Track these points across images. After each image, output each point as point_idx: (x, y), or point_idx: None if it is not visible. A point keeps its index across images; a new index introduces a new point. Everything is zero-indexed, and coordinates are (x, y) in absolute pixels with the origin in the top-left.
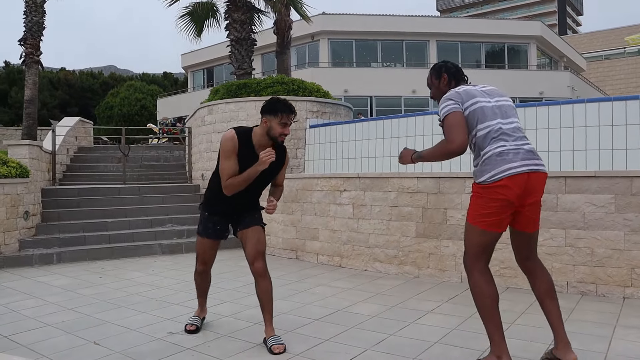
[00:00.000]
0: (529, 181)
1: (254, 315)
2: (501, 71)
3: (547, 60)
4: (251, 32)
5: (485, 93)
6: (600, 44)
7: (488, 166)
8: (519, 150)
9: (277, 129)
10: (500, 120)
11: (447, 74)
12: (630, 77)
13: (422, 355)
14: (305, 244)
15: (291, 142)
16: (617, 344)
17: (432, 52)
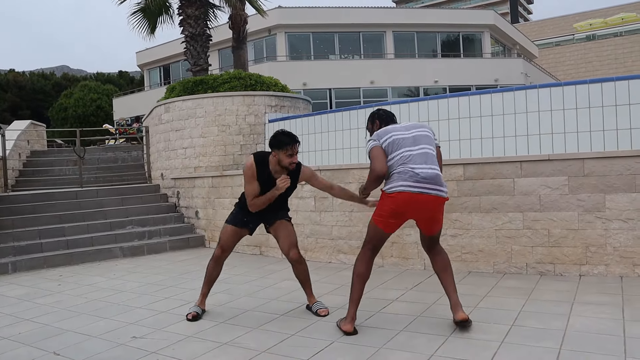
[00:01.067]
0: (417, 200)
1: (220, 314)
2: (457, 60)
3: (500, 48)
4: (206, 28)
5: (404, 128)
6: (551, 31)
7: (390, 180)
8: (418, 173)
9: (285, 160)
10: (409, 148)
11: (379, 120)
12: (579, 62)
13: (388, 344)
14: (269, 239)
15: (251, 137)
16: (575, 321)
17: (389, 43)
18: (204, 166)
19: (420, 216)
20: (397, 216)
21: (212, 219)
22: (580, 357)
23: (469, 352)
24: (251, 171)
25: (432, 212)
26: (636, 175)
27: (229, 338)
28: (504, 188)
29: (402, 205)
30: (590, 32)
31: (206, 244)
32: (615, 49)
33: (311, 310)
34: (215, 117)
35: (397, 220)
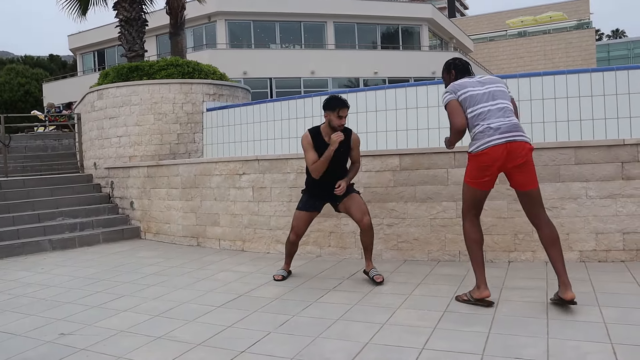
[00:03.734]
0: (507, 150)
1: (155, 307)
2: (396, 52)
3: (438, 41)
4: (142, 12)
5: (479, 83)
6: (486, 26)
7: (475, 140)
8: (499, 126)
9: (335, 121)
10: (486, 104)
11: (455, 69)
12: (511, 57)
13: (324, 333)
14: (206, 230)
15: (188, 126)
16: (502, 306)
17: (330, 33)
18: (140, 155)
19: (512, 165)
20: (491, 171)
21: (147, 209)
22: (507, 339)
23: (403, 339)
24: (307, 141)
25: (523, 159)
26: (560, 166)
27: (163, 332)
28: (438, 178)
29: (493, 159)
30: (522, 29)
31: (142, 235)
32: (544, 46)
33: (368, 275)
34: (151, 105)
35: (492, 176)
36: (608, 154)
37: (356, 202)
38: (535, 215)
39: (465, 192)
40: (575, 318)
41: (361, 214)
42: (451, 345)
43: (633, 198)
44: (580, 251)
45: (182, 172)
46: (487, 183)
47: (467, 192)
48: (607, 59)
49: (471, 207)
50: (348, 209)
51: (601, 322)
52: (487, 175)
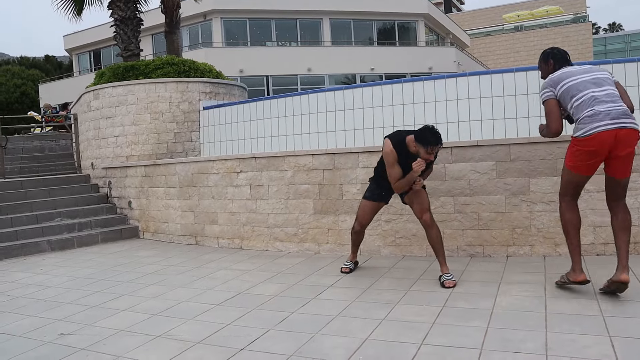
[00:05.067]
0: (617, 136)
1: (154, 306)
2: (392, 48)
3: (434, 37)
4: (137, 11)
5: (582, 71)
6: (482, 21)
7: (582, 124)
8: (609, 112)
9: (423, 155)
10: (594, 90)
11: (553, 60)
12: (508, 52)
13: (323, 329)
14: (205, 228)
15: (185, 125)
16: (501, 300)
17: (326, 30)
18: (137, 155)
19: (618, 153)
20: (597, 156)
21: (145, 209)
22: (505, 334)
23: (402, 335)
24: (392, 156)
25: (631, 147)
26: (557, 160)
27: (162, 330)
28: (435, 173)
29: (602, 144)
30: (518, 23)
31: (140, 235)
32: (541, 40)
33: (440, 280)
34: (147, 104)
35: (597, 160)
36: None
37: (419, 198)
38: (618, 200)
39: (564, 176)
40: (574, 311)
41: (421, 210)
42: (450, 340)
43: (630, 191)
44: None
45: (180, 171)
46: (590, 168)
47: (567, 176)
48: (604, 52)
49: (568, 191)
50: (411, 203)
51: (599, 315)
52: (592, 160)
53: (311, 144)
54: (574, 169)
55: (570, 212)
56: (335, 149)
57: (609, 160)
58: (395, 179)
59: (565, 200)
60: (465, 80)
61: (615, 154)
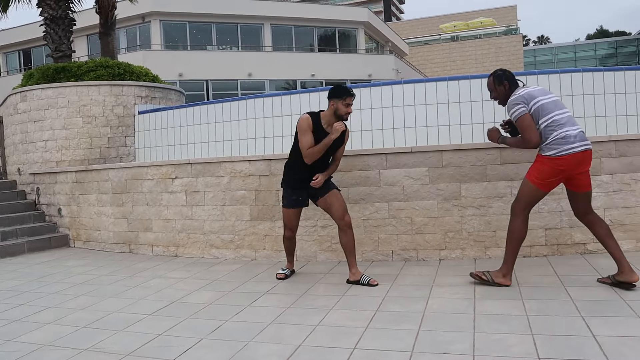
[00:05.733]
0: (583, 156)
1: (82, 318)
2: (333, 54)
3: (374, 44)
4: (69, 11)
5: (541, 92)
6: (420, 30)
7: (554, 145)
8: (577, 134)
9: (342, 109)
10: (558, 112)
11: (507, 81)
12: (445, 61)
13: (257, 337)
14: (139, 236)
15: (119, 129)
16: (433, 302)
17: (267, 36)
18: (68, 160)
19: (581, 170)
20: (563, 175)
21: (76, 216)
22: (436, 335)
23: (335, 340)
24: (307, 123)
25: (590, 165)
26: (487, 166)
27: (90, 343)
28: (370, 179)
29: (572, 164)
30: (454, 33)
31: (71, 243)
32: (475, 50)
33: (359, 282)
34: (79, 107)
35: (562, 179)
36: (531, 154)
37: (338, 200)
38: (589, 212)
39: (527, 191)
40: (501, 312)
41: (342, 211)
42: (382, 344)
43: (553, 195)
44: None
45: (113, 177)
46: (554, 185)
47: (530, 191)
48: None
49: (528, 205)
50: (330, 205)
51: (524, 314)
52: (560, 178)
53: (249, 150)
54: (542, 186)
55: (526, 229)
56: (271, 155)
57: (573, 179)
58: (307, 146)
59: (523, 216)
60: (400, 88)
61: (579, 171)
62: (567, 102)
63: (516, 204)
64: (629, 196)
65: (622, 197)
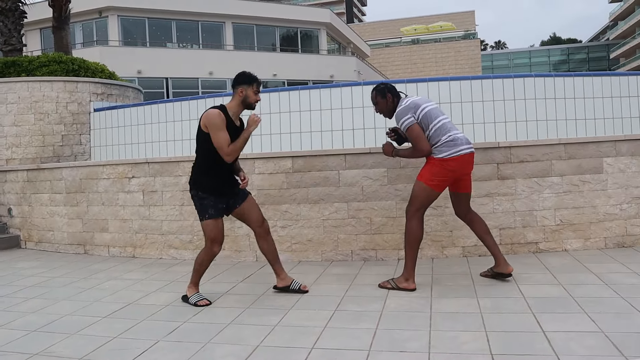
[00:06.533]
0: (469, 158)
1: (33, 322)
2: (295, 55)
3: (336, 45)
4: (20, 3)
5: (424, 100)
6: (382, 32)
7: (444, 147)
8: (463, 137)
9: (252, 96)
10: (442, 117)
11: (390, 93)
12: (406, 63)
13: (215, 338)
14: (94, 236)
15: (73, 127)
16: (390, 302)
17: (229, 34)
18: (19, 158)
19: (467, 171)
20: (453, 176)
21: (28, 216)
22: (393, 334)
23: (294, 340)
24: (221, 118)
25: (472, 166)
26: None
27: (40, 348)
28: (330, 180)
29: (462, 165)
30: (415, 37)
31: (22, 245)
32: (435, 53)
33: (289, 290)
34: (31, 103)
35: (452, 180)
36: (485, 155)
37: (255, 206)
38: (469, 211)
39: (420, 193)
40: (456, 310)
41: (261, 218)
42: (340, 343)
43: (507, 196)
44: (463, 247)
45: (67, 175)
46: (445, 185)
47: (424, 193)
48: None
49: (422, 207)
50: (247, 212)
51: (478, 312)
52: (450, 179)
53: None
54: (437, 187)
55: (420, 230)
56: None
57: (460, 180)
58: (226, 143)
59: (417, 216)
60: (360, 89)
61: (466, 172)
62: (520, 106)
63: (410, 207)
64: (577, 197)
65: (571, 197)
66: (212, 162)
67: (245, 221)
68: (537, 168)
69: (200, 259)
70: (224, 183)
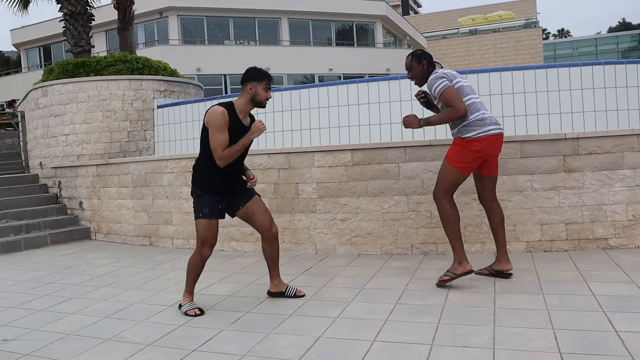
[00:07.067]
0: (497, 139)
1: (104, 309)
2: (350, 48)
3: (392, 38)
4: (88, 6)
5: (459, 75)
6: (438, 24)
7: (472, 127)
8: (492, 117)
9: (262, 94)
10: (472, 96)
11: (426, 60)
12: (463, 55)
13: (277, 328)
14: (159, 228)
15: (138, 123)
16: (452, 296)
17: (284, 30)
18: (88, 154)
19: (494, 153)
20: (481, 158)
21: (97, 209)
22: (455, 329)
23: (355, 332)
24: (224, 118)
25: (501, 148)
26: (507, 160)
27: (112, 333)
28: (389, 172)
29: (489, 146)
30: (473, 27)
31: (92, 236)
32: (494, 43)
33: (285, 294)
34: (99, 101)
35: (481, 161)
36: (551, 147)
37: (263, 207)
38: (493, 198)
39: (446, 175)
40: (521, 306)
41: (269, 220)
42: (401, 337)
43: (574, 190)
44: (527, 242)
45: (133, 170)
46: (473, 167)
47: (450, 175)
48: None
49: (450, 189)
50: (253, 214)
51: (544, 309)
52: (478, 160)
53: (267, 144)
54: (464, 169)
55: (455, 210)
56: (290, 148)
57: (487, 161)
58: (222, 146)
59: (446, 198)
60: None
61: (494, 154)
62: (588, 95)
63: (436, 190)
64: None
65: None
66: (211, 160)
67: (252, 224)
68: (607, 160)
69: (191, 262)
70: (224, 183)
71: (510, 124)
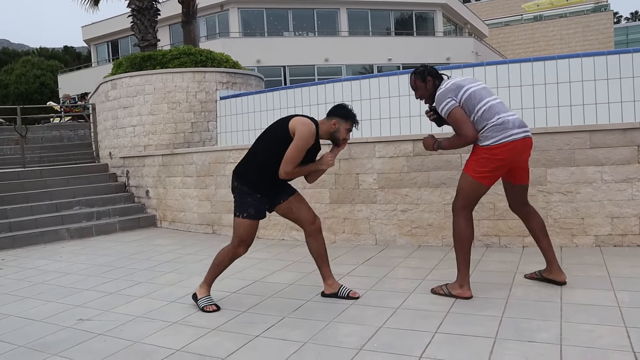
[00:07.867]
0: (524, 144)
1: (171, 293)
2: (410, 38)
3: (452, 27)
4: (154, 2)
5: (470, 80)
6: (500, 11)
7: (491, 133)
8: (514, 120)
9: (343, 133)
10: (489, 98)
11: (431, 76)
12: (527, 42)
13: (338, 317)
14: (222, 217)
15: (202, 114)
16: (516, 290)
17: (343, 21)
18: (154, 144)
19: (522, 159)
20: (505, 167)
21: (163, 198)
22: (520, 323)
23: (416, 323)
24: (312, 135)
25: (529, 154)
26: (575, 150)
27: (179, 317)
28: (451, 163)
29: (513, 153)
30: (538, 13)
31: (157, 224)
32: (560, 30)
33: (338, 295)
34: (164, 93)
35: (503, 171)
36: (624, 137)
37: (304, 202)
38: (525, 204)
39: (467, 187)
40: (590, 302)
41: (312, 215)
42: (463, 329)
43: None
44: (596, 236)
45: (197, 160)
46: (496, 177)
47: (471, 187)
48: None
49: (469, 203)
50: (295, 209)
51: (615, 305)
52: (501, 169)
53: None
54: (485, 180)
55: (470, 229)
56: (351, 139)
57: (514, 169)
58: (294, 163)
59: (464, 214)
60: (482, 69)
61: (519, 161)
62: None
63: (456, 202)
64: None
65: None
66: (275, 164)
67: (294, 219)
68: None
69: (220, 258)
70: (274, 186)
71: (579, 113)
